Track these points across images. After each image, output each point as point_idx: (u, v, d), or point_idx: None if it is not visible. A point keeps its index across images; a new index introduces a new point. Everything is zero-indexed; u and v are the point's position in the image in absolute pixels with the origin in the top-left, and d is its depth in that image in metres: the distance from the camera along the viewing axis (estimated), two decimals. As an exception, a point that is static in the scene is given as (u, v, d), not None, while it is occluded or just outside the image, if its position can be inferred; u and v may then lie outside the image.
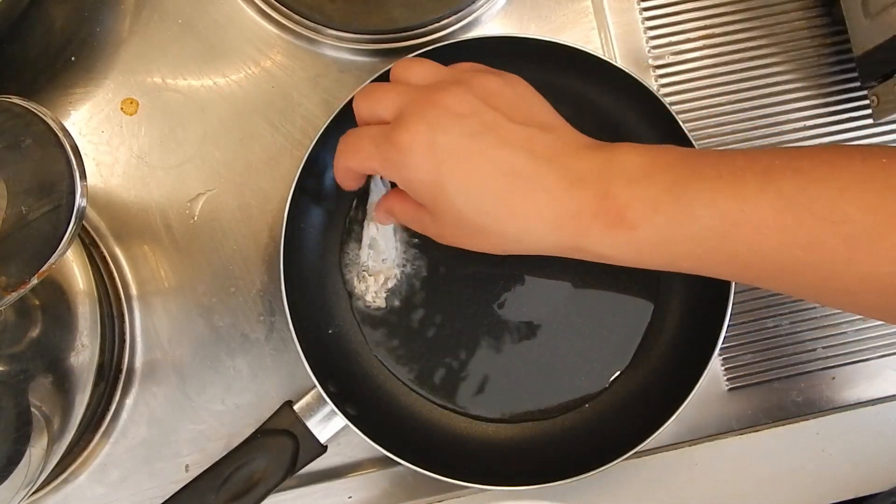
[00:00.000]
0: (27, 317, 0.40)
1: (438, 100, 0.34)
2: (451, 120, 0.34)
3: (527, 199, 0.33)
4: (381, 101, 0.37)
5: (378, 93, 0.37)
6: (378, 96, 0.37)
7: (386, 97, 0.36)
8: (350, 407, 0.44)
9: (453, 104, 0.34)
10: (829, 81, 0.52)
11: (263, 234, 0.49)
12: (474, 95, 0.35)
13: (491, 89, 0.36)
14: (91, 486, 0.47)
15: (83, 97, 0.50)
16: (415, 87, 0.37)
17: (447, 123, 0.34)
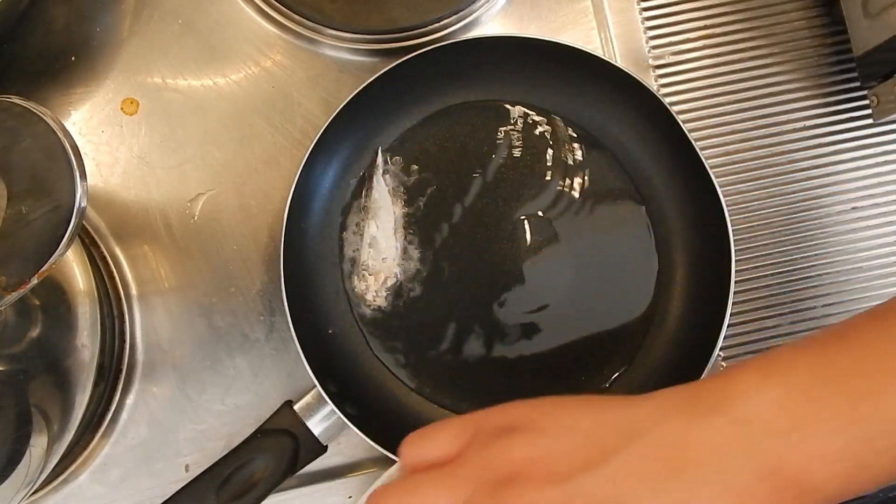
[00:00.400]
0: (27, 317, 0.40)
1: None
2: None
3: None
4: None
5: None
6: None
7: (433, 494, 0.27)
8: (350, 407, 0.44)
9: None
10: (829, 81, 0.52)
11: (263, 234, 0.49)
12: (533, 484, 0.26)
13: (535, 456, 0.27)
14: (91, 486, 0.47)
15: (83, 97, 0.50)
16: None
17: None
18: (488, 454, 0.28)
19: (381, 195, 0.48)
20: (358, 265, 0.48)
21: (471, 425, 0.30)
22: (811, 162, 0.51)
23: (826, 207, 0.51)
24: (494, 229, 0.48)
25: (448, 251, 0.48)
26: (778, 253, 0.51)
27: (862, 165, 0.51)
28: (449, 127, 0.50)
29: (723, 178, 0.51)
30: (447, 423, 0.30)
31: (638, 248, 0.48)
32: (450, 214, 0.49)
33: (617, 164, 0.49)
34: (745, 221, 0.51)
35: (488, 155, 0.49)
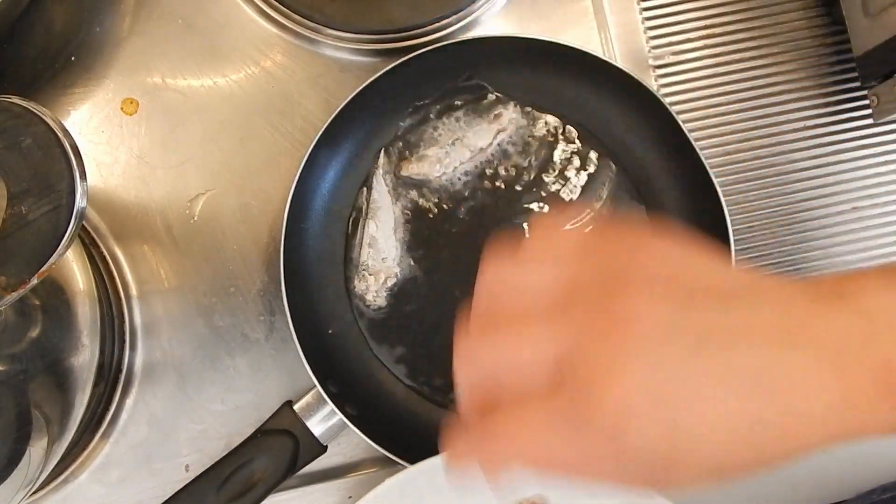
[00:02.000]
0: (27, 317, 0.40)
1: (620, 319, 0.23)
2: (658, 346, 0.23)
3: (789, 402, 0.24)
4: (523, 347, 0.25)
5: (510, 336, 0.25)
6: (514, 341, 0.25)
7: (527, 338, 0.24)
8: (350, 407, 0.44)
9: (643, 318, 0.23)
10: (829, 81, 0.52)
11: (263, 234, 0.49)
12: (651, 291, 0.24)
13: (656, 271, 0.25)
14: (91, 486, 0.47)
15: (83, 97, 0.50)
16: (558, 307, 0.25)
17: (657, 356, 0.23)
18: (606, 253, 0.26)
19: (380, 195, 0.48)
20: (358, 265, 0.48)
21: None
22: (811, 162, 0.51)
23: (826, 207, 0.51)
24: (495, 229, 0.48)
25: (448, 251, 0.48)
26: (778, 253, 0.51)
27: (862, 165, 0.51)
28: (448, 127, 0.50)
29: (723, 178, 0.51)
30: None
31: (638, 248, 0.48)
32: (450, 214, 0.49)
33: (617, 164, 0.49)
34: (745, 221, 0.51)
35: (488, 155, 0.49)
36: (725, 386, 0.23)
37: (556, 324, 0.24)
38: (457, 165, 0.49)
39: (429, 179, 0.49)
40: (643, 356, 0.23)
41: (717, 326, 0.24)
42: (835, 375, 0.24)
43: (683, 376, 0.23)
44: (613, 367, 0.23)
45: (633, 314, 0.23)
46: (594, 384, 0.23)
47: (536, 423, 0.24)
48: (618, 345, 0.23)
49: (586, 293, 0.24)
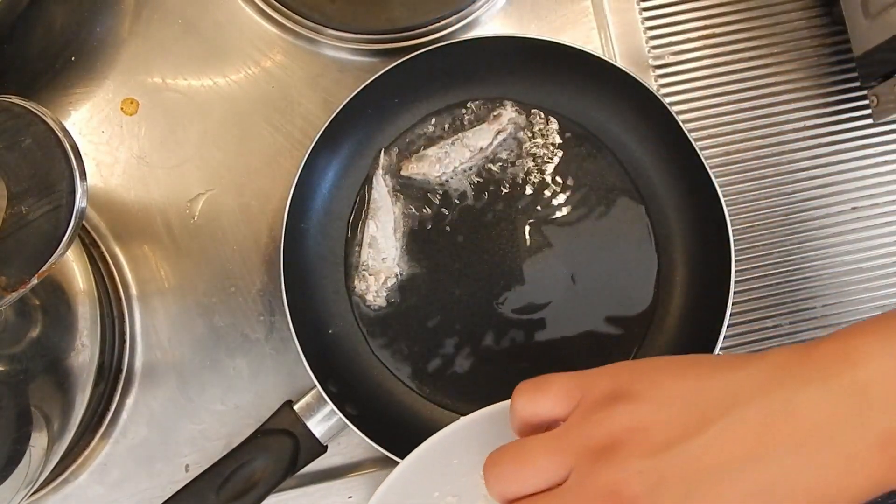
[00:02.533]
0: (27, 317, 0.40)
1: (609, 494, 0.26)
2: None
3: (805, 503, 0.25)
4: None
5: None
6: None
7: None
8: (350, 407, 0.44)
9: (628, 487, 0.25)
10: (829, 81, 0.52)
11: (263, 234, 0.49)
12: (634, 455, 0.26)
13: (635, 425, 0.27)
14: (91, 486, 0.47)
15: (83, 97, 0.50)
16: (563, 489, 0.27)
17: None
18: (590, 424, 0.28)
19: (380, 195, 0.48)
20: (358, 265, 0.48)
21: (578, 387, 0.29)
22: (811, 162, 0.51)
23: (826, 207, 0.51)
24: (494, 229, 0.48)
25: (448, 251, 0.48)
26: (778, 253, 0.51)
27: (862, 165, 0.51)
28: (448, 127, 0.50)
29: (723, 178, 0.51)
30: (556, 380, 0.30)
31: (638, 248, 0.48)
32: (450, 214, 0.49)
33: (617, 163, 0.49)
34: (745, 221, 0.51)
35: (488, 155, 0.49)
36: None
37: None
38: (457, 165, 0.49)
39: (429, 179, 0.49)
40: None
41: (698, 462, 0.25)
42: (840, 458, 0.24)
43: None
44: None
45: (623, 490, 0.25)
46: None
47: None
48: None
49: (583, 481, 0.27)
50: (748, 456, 0.24)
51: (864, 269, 0.51)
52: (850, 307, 0.50)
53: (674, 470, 0.25)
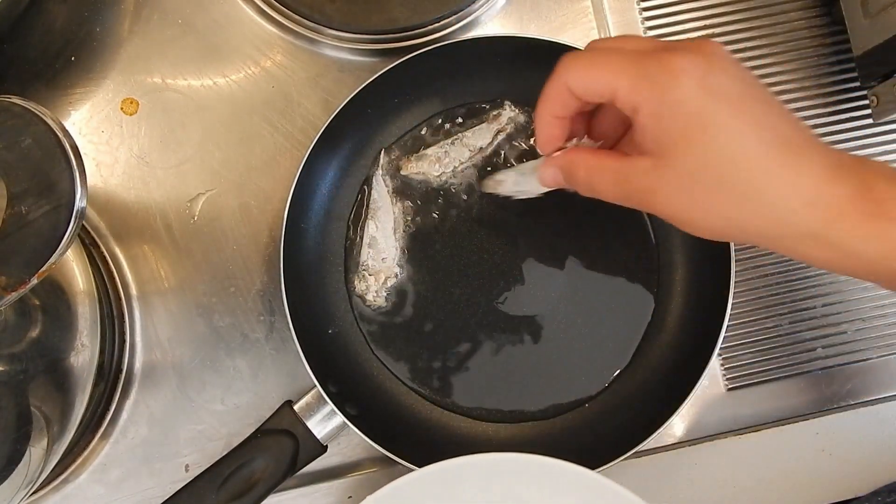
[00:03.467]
0: (27, 317, 0.40)
1: (708, 48, 0.32)
2: (728, 63, 0.31)
3: (791, 171, 0.31)
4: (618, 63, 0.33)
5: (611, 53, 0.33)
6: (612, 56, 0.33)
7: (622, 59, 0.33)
8: (350, 407, 0.44)
9: (726, 54, 0.32)
10: (829, 81, 0.52)
11: (263, 234, 0.49)
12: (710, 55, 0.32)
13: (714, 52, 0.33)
14: (91, 486, 0.47)
15: (83, 97, 0.50)
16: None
17: (725, 65, 0.31)
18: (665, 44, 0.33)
19: (380, 195, 0.48)
20: (358, 265, 0.48)
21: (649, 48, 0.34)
22: (811, 162, 0.51)
23: (826, 207, 0.51)
24: (495, 229, 0.48)
25: (448, 251, 0.48)
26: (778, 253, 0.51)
27: (862, 165, 0.51)
28: (448, 126, 0.50)
29: (723, 178, 0.51)
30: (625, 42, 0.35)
31: (638, 248, 0.48)
32: (449, 214, 0.49)
33: (617, 164, 0.49)
34: (745, 221, 0.51)
35: (488, 154, 0.49)
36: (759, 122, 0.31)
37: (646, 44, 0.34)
38: (456, 165, 0.49)
39: (428, 179, 0.49)
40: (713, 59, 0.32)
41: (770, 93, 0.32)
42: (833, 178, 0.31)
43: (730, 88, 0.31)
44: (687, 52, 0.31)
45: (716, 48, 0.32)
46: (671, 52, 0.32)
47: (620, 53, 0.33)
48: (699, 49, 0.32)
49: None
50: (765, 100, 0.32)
51: (864, 269, 0.51)
52: (850, 307, 0.50)
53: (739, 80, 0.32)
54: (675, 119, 0.31)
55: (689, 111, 0.31)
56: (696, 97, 0.30)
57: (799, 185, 0.31)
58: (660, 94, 0.31)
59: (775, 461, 0.49)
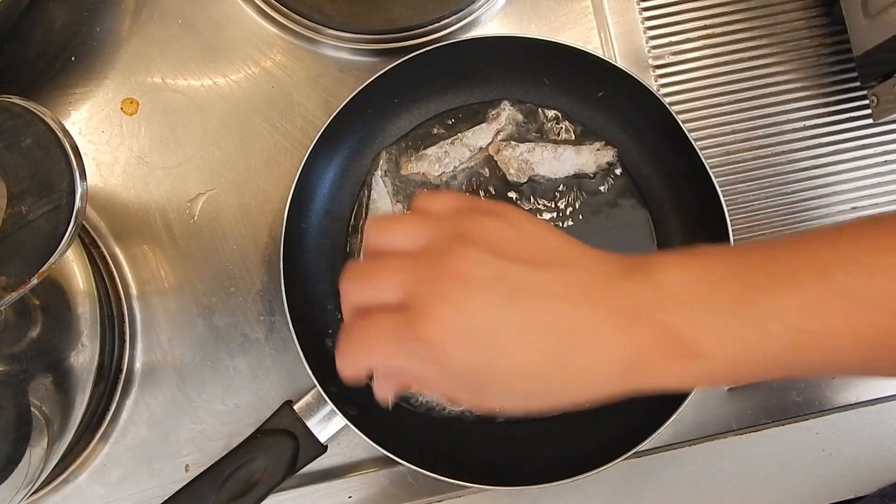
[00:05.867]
0: (27, 317, 0.40)
1: (450, 270, 0.29)
2: (474, 295, 0.29)
3: (584, 354, 0.29)
4: (380, 284, 0.31)
5: (373, 275, 0.31)
6: (375, 279, 0.31)
7: (383, 278, 0.31)
8: (350, 407, 0.44)
9: (468, 271, 0.29)
10: (829, 81, 0.52)
11: (263, 234, 0.49)
12: (483, 250, 0.30)
13: (496, 236, 0.31)
14: (91, 486, 0.47)
15: (83, 97, 0.50)
16: (412, 257, 0.31)
17: (472, 301, 0.29)
18: (461, 221, 0.32)
19: (380, 196, 0.48)
20: (358, 265, 0.48)
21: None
22: (811, 162, 0.51)
23: (826, 207, 0.51)
24: (494, 229, 0.48)
25: (448, 251, 0.48)
26: (778, 253, 0.51)
27: (862, 165, 0.51)
28: (447, 126, 0.50)
29: (723, 178, 0.51)
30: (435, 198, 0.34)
31: (638, 248, 0.48)
32: (450, 214, 0.49)
33: (618, 163, 0.49)
34: (745, 221, 0.51)
35: (487, 154, 0.49)
36: (530, 334, 0.29)
37: (406, 271, 0.30)
38: (456, 165, 0.49)
39: (428, 179, 0.49)
40: (458, 302, 0.29)
41: (531, 282, 0.30)
42: (623, 334, 0.29)
43: (493, 321, 0.29)
44: (433, 307, 0.29)
45: (460, 266, 0.29)
46: (419, 317, 0.29)
47: (383, 331, 0.30)
48: (442, 290, 0.29)
49: (435, 248, 0.31)
50: (566, 299, 0.30)
51: (864, 269, 0.51)
52: (850, 307, 0.50)
53: (511, 278, 0.29)
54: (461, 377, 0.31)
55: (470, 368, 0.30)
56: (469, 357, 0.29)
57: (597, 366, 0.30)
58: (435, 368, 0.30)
59: (775, 461, 0.49)
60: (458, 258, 0.30)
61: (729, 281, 0.30)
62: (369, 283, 0.31)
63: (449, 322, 0.29)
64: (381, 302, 0.31)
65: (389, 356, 0.31)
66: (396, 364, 0.31)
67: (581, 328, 0.29)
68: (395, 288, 0.30)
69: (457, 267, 0.29)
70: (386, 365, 0.32)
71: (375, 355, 0.31)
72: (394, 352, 0.30)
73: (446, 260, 0.30)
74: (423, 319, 0.29)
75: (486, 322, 0.29)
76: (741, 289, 0.29)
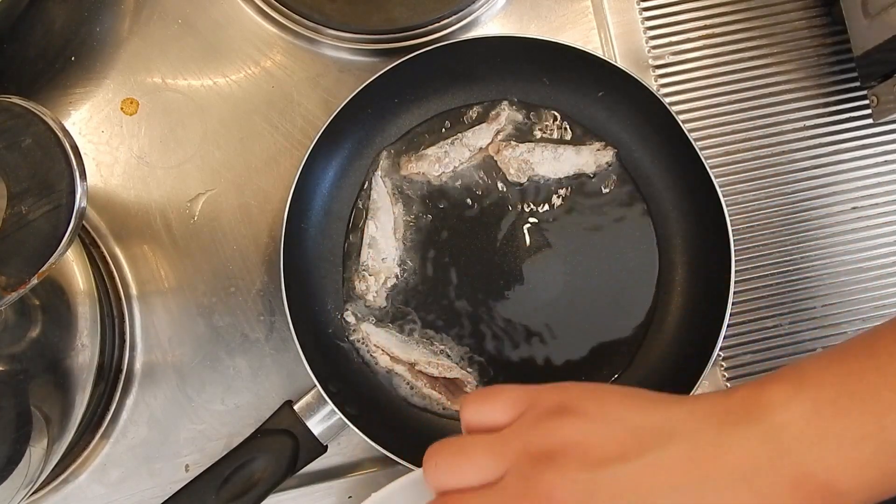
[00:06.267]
0: (27, 317, 0.40)
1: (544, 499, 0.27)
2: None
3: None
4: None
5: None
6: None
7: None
8: (350, 407, 0.44)
9: (563, 500, 0.27)
10: (829, 81, 0.52)
11: (263, 234, 0.49)
12: (570, 467, 0.27)
13: (576, 440, 0.28)
14: (91, 486, 0.47)
15: (83, 97, 0.50)
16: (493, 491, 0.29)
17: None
18: (536, 431, 0.29)
19: (380, 196, 0.48)
20: (358, 265, 0.48)
21: (527, 398, 0.31)
22: (811, 162, 0.51)
23: (826, 207, 0.51)
24: (494, 228, 0.48)
25: (448, 252, 0.48)
26: (778, 253, 0.51)
27: (862, 165, 0.51)
28: (447, 126, 0.50)
29: (723, 178, 0.51)
30: (506, 390, 0.32)
31: (638, 248, 0.48)
32: (449, 214, 0.49)
33: (617, 163, 0.49)
34: (745, 221, 0.51)
35: (487, 154, 0.49)
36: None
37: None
38: (456, 165, 0.49)
39: (428, 179, 0.49)
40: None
41: (633, 483, 0.27)
42: (756, 499, 0.26)
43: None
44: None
45: (554, 497, 0.27)
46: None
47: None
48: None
49: (514, 482, 0.28)
50: (673, 486, 0.26)
51: (864, 269, 0.51)
52: (850, 307, 0.50)
53: (605, 487, 0.27)
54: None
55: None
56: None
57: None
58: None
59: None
60: (548, 488, 0.27)
61: (852, 408, 0.27)
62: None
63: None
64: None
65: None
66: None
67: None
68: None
69: (550, 498, 0.27)
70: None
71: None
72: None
73: (534, 494, 0.27)
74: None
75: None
76: (867, 414, 0.27)
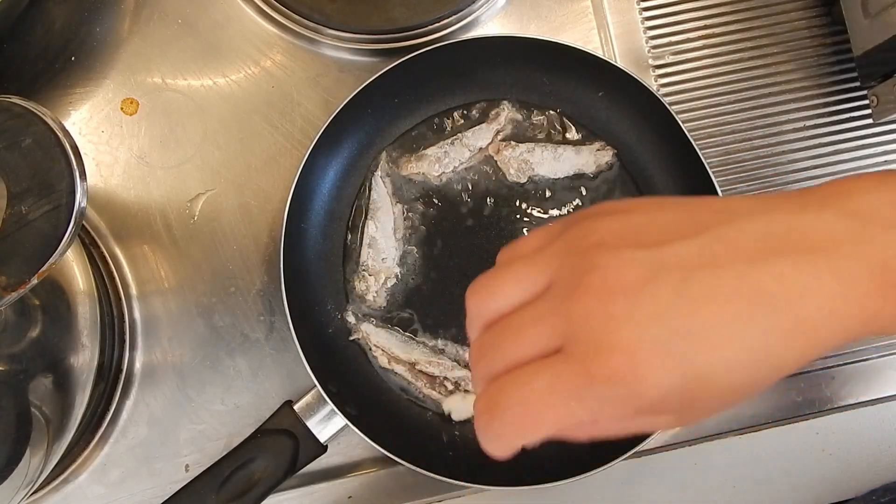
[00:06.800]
0: (27, 317, 0.40)
1: (602, 288, 0.24)
2: (648, 299, 0.23)
3: (793, 312, 0.24)
4: (518, 345, 0.25)
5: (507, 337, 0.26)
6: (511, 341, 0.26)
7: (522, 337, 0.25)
8: (350, 407, 0.44)
9: (623, 277, 0.24)
10: (829, 81, 0.52)
11: (263, 234, 0.49)
12: (624, 247, 0.24)
13: (626, 228, 0.25)
14: (91, 486, 0.47)
15: (83, 97, 0.50)
16: (544, 300, 0.25)
17: (648, 308, 0.23)
18: (576, 230, 0.26)
19: (380, 196, 0.48)
20: (358, 265, 0.48)
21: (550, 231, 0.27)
22: (811, 162, 0.51)
23: (826, 207, 0.51)
24: (494, 228, 0.48)
25: (448, 252, 0.48)
26: (778, 253, 0.50)
27: (862, 165, 0.51)
28: (447, 126, 0.50)
29: (723, 178, 0.51)
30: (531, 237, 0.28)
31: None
32: (449, 214, 0.49)
33: (617, 163, 0.49)
34: (745, 221, 0.51)
35: (487, 154, 0.49)
36: (725, 312, 0.23)
37: (547, 317, 0.25)
38: (456, 165, 0.49)
39: (428, 179, 0.49)
40: (632, 317, 0.23)
41: (699, 256, 0.24)
42: (833, 278, 0.23)
43: (685, 319, 0.23)
44: (607, 336, 0.23)
45: (609, 278, 0.24)
46: (595, 356, 0.23)
47: (552, 391, 0.24)
48: (606, 312, 0.23)
49: (565, 276, 0.25)
50: (746, 259, 0.24)
51: (864, 269, 0.51)
52: (850, 307, 0.50)
53: (670, 261, 0.24)
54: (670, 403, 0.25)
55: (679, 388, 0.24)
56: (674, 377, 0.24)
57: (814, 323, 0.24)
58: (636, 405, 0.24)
59: (775, 461, 0.49)
60: (603, 270, 0.24)
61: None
62: (504, 347, 0.26)
63: (634, 344, 0.23)
64: (526, 360, 0.25)
65: (567, 416, 0.25)
66: (575, 422, 0.25)
67: (780, 284, 0.23)
68: (541, 338, 0.25)
69: (607, 280, 0.24)
70: (562, 427, 0.25)
71: (549, 421, 0.25)
72: (572, 409, 0.24)
73: (589, 279, 0.24)
74: (602, 356, 0.23)
75: (676, 323, 0.23)
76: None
